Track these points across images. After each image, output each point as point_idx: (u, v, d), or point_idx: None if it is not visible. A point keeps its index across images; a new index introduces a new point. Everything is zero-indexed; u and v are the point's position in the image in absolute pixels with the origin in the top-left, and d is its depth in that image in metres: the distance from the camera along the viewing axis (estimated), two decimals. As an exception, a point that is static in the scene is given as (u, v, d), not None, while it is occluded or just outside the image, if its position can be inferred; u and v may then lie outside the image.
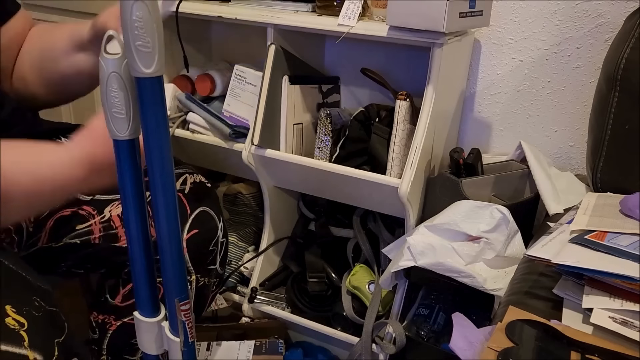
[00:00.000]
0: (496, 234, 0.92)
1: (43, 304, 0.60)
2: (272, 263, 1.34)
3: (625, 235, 0.73)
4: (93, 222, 0.88)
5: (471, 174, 1.07)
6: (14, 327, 0.55)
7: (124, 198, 0.59)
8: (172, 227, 0.59)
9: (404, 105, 1.04)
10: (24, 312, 0.57)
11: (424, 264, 0.92)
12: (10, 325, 0.55)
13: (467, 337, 0.71)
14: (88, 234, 0.87)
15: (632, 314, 0.63)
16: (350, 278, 1.22)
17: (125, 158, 0.56)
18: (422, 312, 1.10)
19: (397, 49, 1.25)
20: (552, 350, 0.61)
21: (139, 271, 0.62)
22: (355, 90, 1.33)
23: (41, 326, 0.58)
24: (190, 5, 1.19)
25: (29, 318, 0.57)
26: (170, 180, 0.57)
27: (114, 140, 0.55)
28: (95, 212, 0.89)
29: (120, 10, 0.47)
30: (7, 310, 0.56)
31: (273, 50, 1.12)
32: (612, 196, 0.91)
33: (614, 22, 1.10)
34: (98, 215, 0.88)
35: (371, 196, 1.12)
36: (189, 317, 0.62)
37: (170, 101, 1.26)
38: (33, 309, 0.58)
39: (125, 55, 0.50)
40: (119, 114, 0.53)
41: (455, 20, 0.94)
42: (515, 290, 0.79)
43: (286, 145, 1.17)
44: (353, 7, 1.05)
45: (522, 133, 1.24)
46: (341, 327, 1.21)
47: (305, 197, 1.34)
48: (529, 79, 1.21)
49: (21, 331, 0.56)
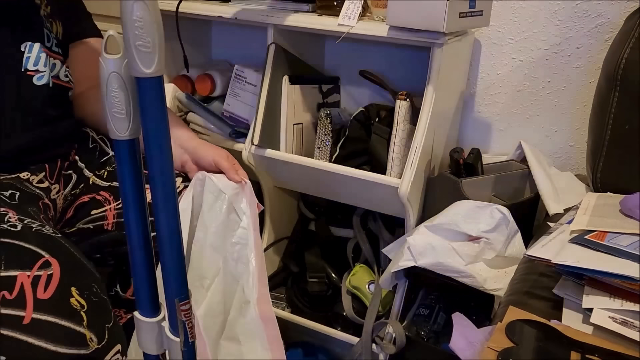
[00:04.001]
0: (496, 234, 0.92)
1: (99, 291, 0.66)
2: (272, 263, 1.34)
3: (625, 236, 0.73)
4: (108, 208, 0.89)
5: (471, 174, 1.07)
6: (76, 308, 0.62)
7: (124, 198, 0.59)
8: (172, 227, 0.59)
9: (404, 105, 1.04)
10: (85, 296, 0.63)
11: (424, 264, 0.92)
12: (74, 305, 0.62)
13: (467, 337, 0.71)
14: (102, 219, 0.88)
15: (632, 314, 0.63)
16: (350, 278, 1.22)
17: (125, 158, 0.56)
18: (422, 312, 1.10)
19: (397, 49, 1.25)
20: (552, 350, 0.61)
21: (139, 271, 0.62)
22: (355, 91, 1.33)
23: (97, 311, 0.64)
24: (190, 5, 1.19)
25: (89, 301, 0.63)
26: (170, 180, 0.57)
27: (113, 140, 0.55)
28: (111, 198, 0.90)
29: (121, 10, 0.47)
30: (72, 292, 0.62)
31: (273, 50, 1.12)
32: (612, 196, 0.91)
33: (614, 22, 1.10)
34: (114, 202, 0.89)
35: (371, 196, 1.12)
36: (189, 317, 0.62)
37: (170, 101, 1.26)
38: (92, 294, 0.65)
39: (125, 55, 0.50)
40: (119, 114, 0.53)
41: (455, 20, 0.94)
42: (515, 290, 0.79)
43: (286, 145, 1.17)
44: (353, 7, 1.05)
45: (522, 133, 1.24)
46: (341, 327, 1.21)
47: (305, 197, 1.34)
48: (529, 79, 1.21)
49: (82, 312, 0.62)
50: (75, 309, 0.61)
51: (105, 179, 0.93)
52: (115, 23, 0.53)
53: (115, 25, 0.50)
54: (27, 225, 0.68)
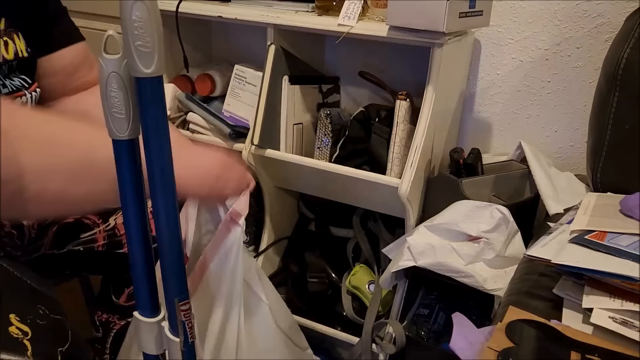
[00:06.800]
0: (496, 234, 0.92)
1: (48, 312, 0.61)
2: (272, 263, 1.34)
3: (625, 236, 0.72)
4: (97, 231, 0.88)
5: (471, 174, 1.07)
6: (17, 336, 0.56)
7: (123, 198, 0.59)
8: (172, 227, 0.59)
9: (404, 105, 1.04)
10: (28, 321, 0.57)
11: (424, 264, 0.92)
12: (14, 334, 0.55)
13: (467, 337, 0.71)
14: (92, 242, 0.88)
15: (632, 314, 0.63)
16: (350, 278, 1.22)
17: (125, 158, 0.56)
18: (422, 312, 1.10)
19: (397, 49, 1.25)
20: (552, 351, 0.61)
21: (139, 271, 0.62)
22: (355, 91, 1.33)
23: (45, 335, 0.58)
24: (190, 5, 1.18)
25: (33, 327, 0.57)
26: (170, 180, 0.57)
27: (113, 140, 0.55)
28: (100, 220, 0.89)
29: (120, 10, 0.47)
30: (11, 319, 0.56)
31: (273, 50, 1.12)
32: (612, 196, 0.91)
33: (614, 22, 1.09)
34: (103, 224, 0.89)
35: (371, 196, 1.12)
36: (189, 317, 0.62)
37: (170, 101, 1.26)
38: (37, 317, 0.59)
39: (124, 55, 0.50)
40: (119, 114, 0.53)
41: (455, 20, 0.94)
42: (515, 290, 0.79)
43: (286, 145, 1.17)
44: (353, 7, 1.05)
45: (522, 133, 1.24)
46: (341, 327, 1.21)
47: (305, 197, 1.34)
48: (529, 78, 1.21)
49: (24, 340, 0.56)
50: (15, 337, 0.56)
51: None
52: (115, 23, 0.53)
53: (115, 25, 0.50)
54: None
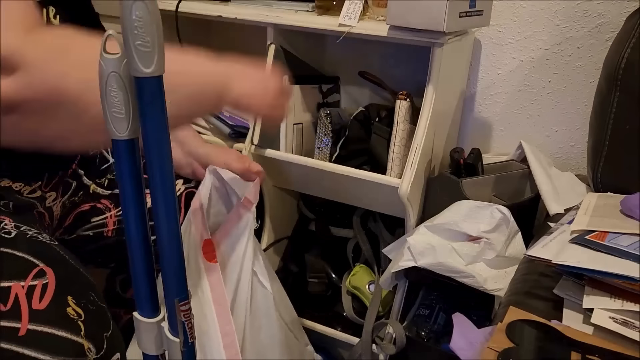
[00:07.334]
0: (496, 234, 0.92)
1: (96, 299, 0.65)
2: (272, 263, 1.34)
3: (625, 236, 0.72)
4: (109, 215, 0.89)
5: (471, 174, 1.07)
6: (73, 317, 0.60)
7: (123, 198, 0.59)
8: (172, 227, 0.59)
9: (404, 105, 1.04)
10: (81, 305, 0.62)
11: (424, 264, 0.92)
12: (71, 314, 0.60)
13: (467, 337, 0.71)
14: (102, 226, 0.88)
15: (633, 314, 0.63)
16: (350, 278, 1.22)
17: (125, 158, 0.56)
18: (422, 312, 1.10)
19: (398, 49, 1.25)
20: (553, 351, 0.61)
21: (139, 271, 0.62)
22: (355, 91, 1.33)
23: (95, 320, 0.63)
24: (190, 5, 1.18)
25: (86, 310, 0.62)
26: (170, 180, 0.57)
27: (113, 140, 0.55)
28: (112, 205, 0.90)
29: (120, 10, 0.47)
30: (68, 301, 0.61)
31: (273, 50, 1.12)
32: (612, 196, 0.90)
33: (614, 22, 1.09)
34: (114, 209, 0.90)
35: (371, 196, 1.12)
36: (189, 318, 0.62)
37: (170, 101, 1.25)
38: (89, 302, 0.63)
39: (124, 54, 0.50)
40: (119, 113, 0.53)
41: (456, 20, 0.94)
42: (515, 291, 0.79)
43: (286, 145, 1.16)
44: (353, 6, 1.04)
45: (522, 133, 1.24)
46: (341, 328, 1.21)
47: (305, 197, 1.34)
48: (529, 78, 1.21)
49: (79, 321, 0.61)
50: (72, 318, 0.60)
51: (106, 187, 0.92)
52: (115, 22, 0.53)
53: (115, 24, 0.50)
54: (23, 232, 0.67)
